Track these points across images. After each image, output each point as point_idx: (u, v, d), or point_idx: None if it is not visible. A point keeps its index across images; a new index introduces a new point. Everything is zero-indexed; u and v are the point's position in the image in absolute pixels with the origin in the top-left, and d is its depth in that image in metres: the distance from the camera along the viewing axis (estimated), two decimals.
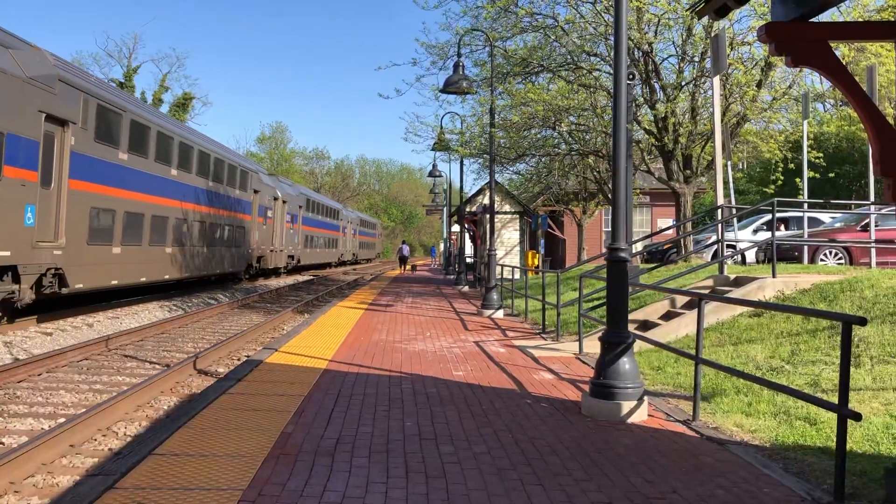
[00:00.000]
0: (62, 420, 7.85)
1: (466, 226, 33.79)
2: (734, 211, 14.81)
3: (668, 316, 11.58)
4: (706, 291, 11.83)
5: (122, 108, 18.33)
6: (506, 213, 33.89)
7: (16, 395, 9.15)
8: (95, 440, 7.17)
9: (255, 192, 31.49)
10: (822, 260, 16.56)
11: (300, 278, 40.02)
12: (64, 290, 15.64)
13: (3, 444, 7.03)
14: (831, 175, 25.16)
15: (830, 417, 6.19)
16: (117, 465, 5.60)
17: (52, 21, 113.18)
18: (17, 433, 7.38)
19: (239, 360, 12.19)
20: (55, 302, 17.05)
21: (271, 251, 34.65)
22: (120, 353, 12.53)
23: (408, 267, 48.94)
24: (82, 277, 16.32)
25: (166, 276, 21.75)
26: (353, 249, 68.02)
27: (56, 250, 15.15)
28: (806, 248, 16.30)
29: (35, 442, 6.22)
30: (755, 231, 19.86)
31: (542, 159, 26.13)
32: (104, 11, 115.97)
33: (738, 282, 11.88)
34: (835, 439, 4.51)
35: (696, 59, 17.01)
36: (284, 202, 37.07)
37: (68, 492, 5.26)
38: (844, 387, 4.38)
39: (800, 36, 4.54)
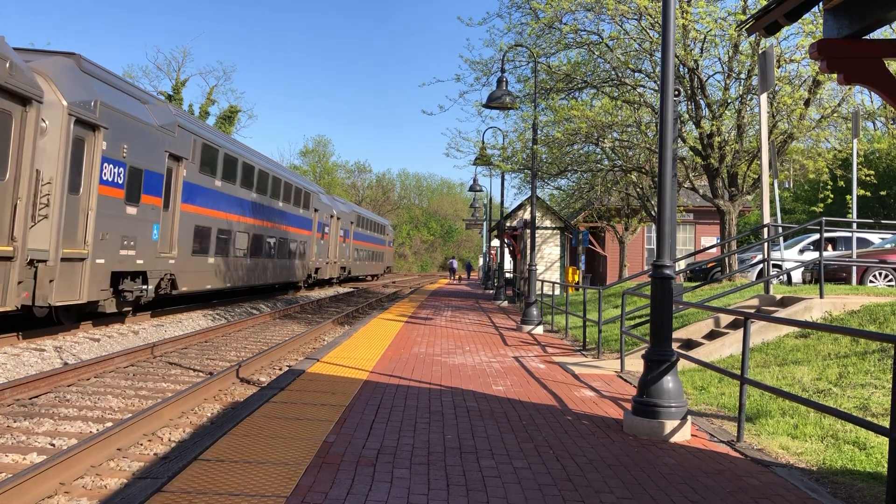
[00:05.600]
0: (110, 424, 8.03)
1: (506, 240, 33.75)
2: (780, 230, 14.57)
3: (711, 335, 11.42)
4: (751, 311, 11.64)
5: None
6: (546, 228, 33.83)
7: (66, 398, 9.39)
8: (142, 444, 7.32)
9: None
10: (871, 281, 16.19)
11: (340, 290, 39.98)
12: None
13: (53, 445, 7.22)
14: (883, 193, 24.62)
15: (881, 442, 6.05)
16: (164, 470, 5.72)
17: (105, 33, 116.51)
18: (66, 435, 7.57)
19: (281, 369, 12.33)
20: None
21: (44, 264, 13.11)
22: (164, 360, 12.78)
23: (456, 277, 61.21)
24: None
25: None
26: (343, 261, 42.93)
27: None
28: (854, 268, 15.95)
29: (84, 445, 6.37)
30: (801, 251, 19.49)
31: (585, 175, 26.03)
32: (156, 25, 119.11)
33: (784, 302, 11.67)
34: (886, 465, 4.41)
35: (743, 76, 16.83)
36: (125, 146, 15.73)
37: (117, 494, 5.39)
38: None
39: (852, 53, 4.49)
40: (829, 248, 19.54)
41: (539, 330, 16.07)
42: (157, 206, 17.72)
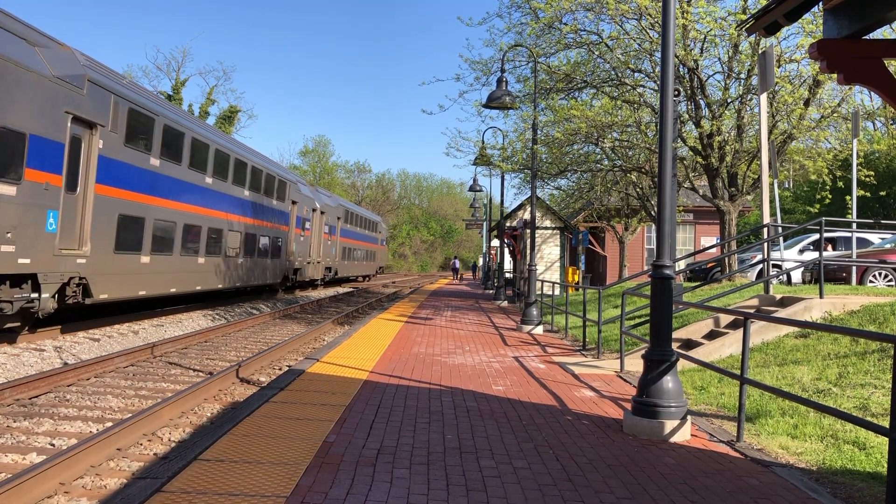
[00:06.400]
0: (109, 424, 8.03)
1: (506, 240, 33.75)
2: (780, 230, 14.57)
3: (711, 335, 11.42)
4: (751, 311, 11.64)
5: None
6: (546, 228, 33.86)
7: (66, 398, 9.39)
8: (141, 444, 7.32)
9: None
10: (871, 281, 16.19)
11: (340, 290, 40.05)
12: None
13: (53, 445, 7.22)
14: (882, 193, 24.64)
15: (881, 442, 6.05)
16: (163, 470, 5.72)
17: (105, 33, 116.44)
18: (66, 435, 7.57)
19: (280, 369, 12.33)
20: None
21: None
22: (164, 360, 12.77)
23: (458, 277, 65.37)
24: None
25: None
26: (329, 260, 38.18)
27: None
28: (854, 268, 15.95)
29: (84, 445, 6.37)
30: (801, 251, 19.50)
31: (584, 175, 26.03)
32: (156, 25, 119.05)
33: (784, 302, 11.67)
34: (886, 465, 4.41)
35: (743, 76, 16.84)
36: None
37: (117, 494, 5.38)
38: None
39: (852, 53, 4.49)
40: (829, 248, 19.54)
41: (539, 330, 16.06)
42: (56, 187, 13.14)
